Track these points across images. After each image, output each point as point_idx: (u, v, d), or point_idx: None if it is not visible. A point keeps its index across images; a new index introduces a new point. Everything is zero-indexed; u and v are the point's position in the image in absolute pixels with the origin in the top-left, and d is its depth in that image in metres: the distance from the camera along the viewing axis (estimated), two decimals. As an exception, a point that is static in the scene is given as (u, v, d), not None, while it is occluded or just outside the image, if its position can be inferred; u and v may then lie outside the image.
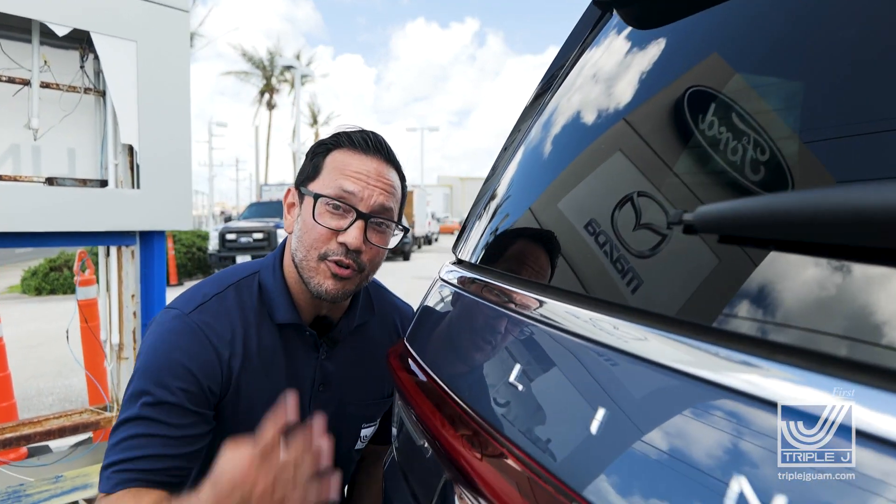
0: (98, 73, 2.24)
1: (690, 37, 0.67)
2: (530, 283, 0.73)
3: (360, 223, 1.02)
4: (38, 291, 10.90)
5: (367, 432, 1.28)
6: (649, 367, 0.46)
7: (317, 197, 1.03)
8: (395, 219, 1.10)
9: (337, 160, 1.07)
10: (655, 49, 0.72)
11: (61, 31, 2.01)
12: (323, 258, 1.03)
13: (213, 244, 12.81)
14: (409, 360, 0.87)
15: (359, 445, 1.28)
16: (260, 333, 1.08)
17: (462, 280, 0.89)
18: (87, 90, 2.21)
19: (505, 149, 0.99)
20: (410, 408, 0.78)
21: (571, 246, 0.68)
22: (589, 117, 0.79)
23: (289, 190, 1.15)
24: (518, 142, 0.95)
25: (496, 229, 0.91)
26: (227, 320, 1.06)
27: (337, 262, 1.03)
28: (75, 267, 3.07)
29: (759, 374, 0.38)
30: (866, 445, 0.32)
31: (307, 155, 1.14)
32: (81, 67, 2.21)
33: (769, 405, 0.36)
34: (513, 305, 0.73)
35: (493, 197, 0.95)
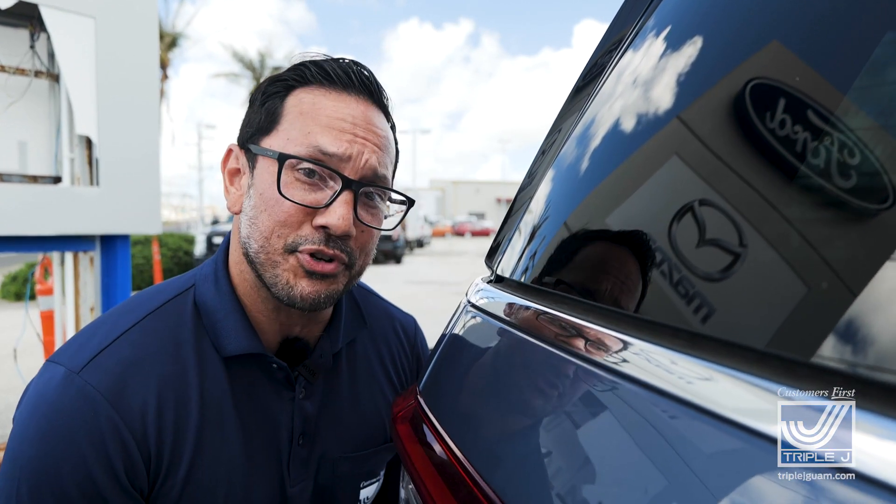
0: (52, 53, 1.97)
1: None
2: (611, 314, 0.48)
3: (347, 196, 0.70)
4: (19, 297, 10.55)
5: (368, 492, 0.92)
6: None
7: (282, 159, 0.69)
8: (393, 188, 0.78)
9: (304, 103, 0.73)
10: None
11: (4, 4, 1.74)
12: (292, 250, 0.70)
13: (199, 248, 12.50)
14: (424, 428, 0.61)
15: None
16: (203, 381, 0.73)
17: (511, 309, 0.62)
18: (38, 73, 1.94)
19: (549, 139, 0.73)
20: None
21: (690, 256, 0.43)
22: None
23: (229, 150, 0.79)
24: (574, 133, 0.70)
25: (567, 230, 0.65)
26: (144, 373, 0.70)
27: (314, 255, 0.70)
28: (37, 273, 2.78)
29: None
30: None
31: (255, 98, 0.79)
32: (31, 47, 1.93)
33: None
34: (586, 348, 0.47)
35: (557, 183, 0.70)
